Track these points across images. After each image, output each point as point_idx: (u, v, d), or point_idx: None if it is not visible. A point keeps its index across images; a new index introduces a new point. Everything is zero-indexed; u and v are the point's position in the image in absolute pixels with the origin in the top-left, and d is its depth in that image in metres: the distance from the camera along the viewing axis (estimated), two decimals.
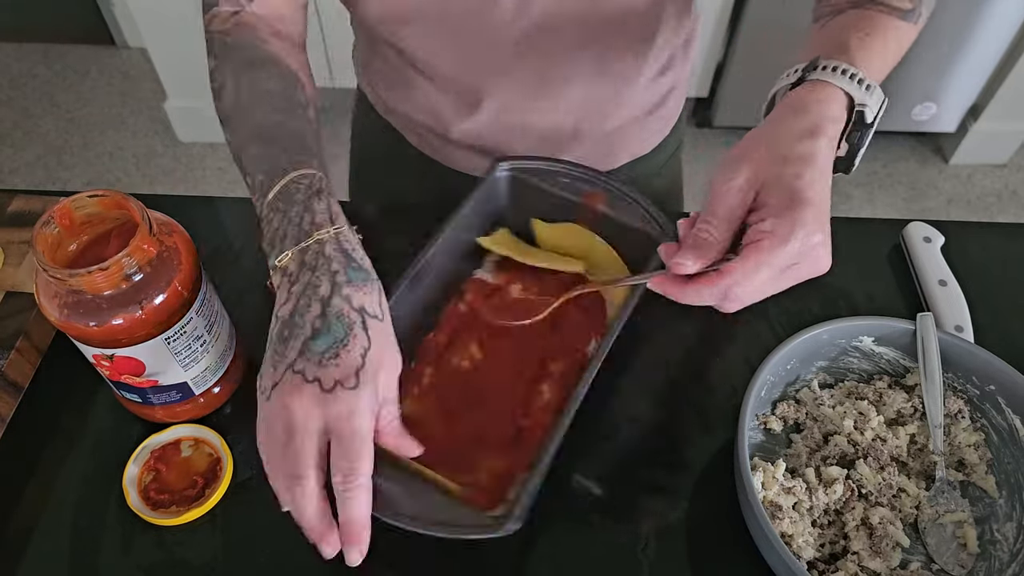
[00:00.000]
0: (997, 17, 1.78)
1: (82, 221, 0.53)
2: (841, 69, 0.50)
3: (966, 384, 0.61)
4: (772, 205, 0.45)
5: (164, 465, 0.59)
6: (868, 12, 0.54)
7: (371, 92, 0.84)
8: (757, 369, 0.57)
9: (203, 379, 0.59)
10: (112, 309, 0.50)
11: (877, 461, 0.58)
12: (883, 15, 0.54)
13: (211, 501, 0.57)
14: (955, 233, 0.75)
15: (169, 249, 0.53)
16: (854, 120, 0.51)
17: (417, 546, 0.57)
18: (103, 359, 0.54)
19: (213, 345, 0.59)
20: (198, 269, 0.56)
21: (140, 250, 0.50)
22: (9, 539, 0.56)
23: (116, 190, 0.53)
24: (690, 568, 0.56)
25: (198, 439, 0.60)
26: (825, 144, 0.47)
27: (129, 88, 2.34)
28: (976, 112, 2.04)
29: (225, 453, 0.59)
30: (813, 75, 0.50)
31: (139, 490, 0.58)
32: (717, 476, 0.60)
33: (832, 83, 0.50)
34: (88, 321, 0.50)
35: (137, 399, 0.59)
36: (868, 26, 0.53)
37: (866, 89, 0.50)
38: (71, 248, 0.53)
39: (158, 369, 0.56)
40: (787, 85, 0.52)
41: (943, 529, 0.57)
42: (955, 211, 2.05)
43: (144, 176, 2.12)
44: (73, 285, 0.49)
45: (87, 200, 0.52)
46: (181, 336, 0.55)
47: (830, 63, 0.50)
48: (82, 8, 2.34)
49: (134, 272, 0.50)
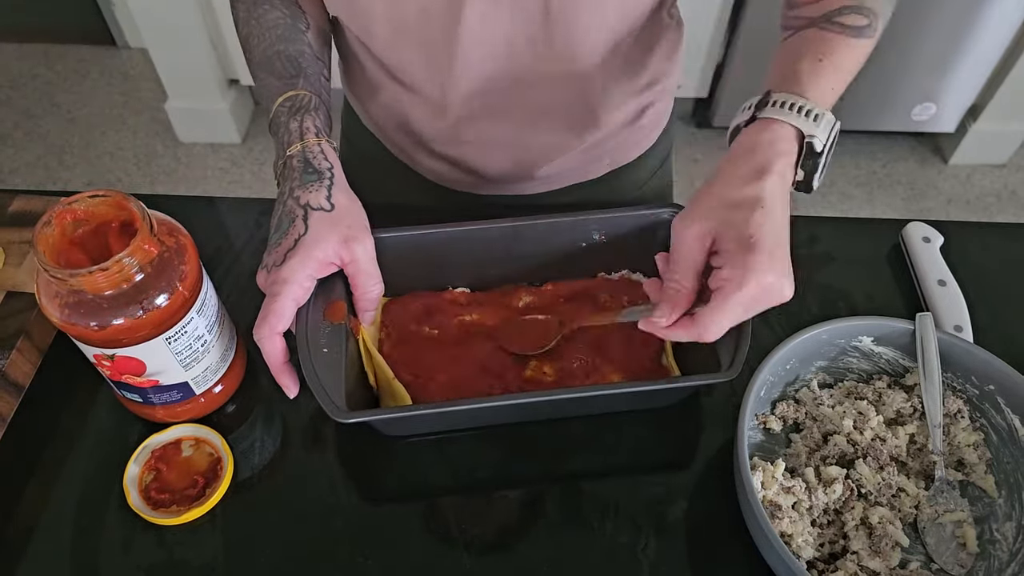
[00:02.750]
0: (997, 17, 1.78)
1: (83, 221, 0.53)
2: (789, 104, 0.53)
3: (965, 384, 0.61)
4: (727, 251, 0.50)
5: (165, 465, 0.59)
6: (825, 34, 0.57)
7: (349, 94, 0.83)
8: (756, 369, 0.57)
9: (204, 379, 0.59)
10: (113, 309, 0.50)
11: (876, 461, 0.58)
12: (839, 36, 0.57)
13: (211, 501, 0.57)
14: (954, 233, 0.75)
15: (170, 249, 0.53)
16: (804, 151, 0.54)
17: (418, 546, 0.57)
18: (104, 359, 0.54)
19: (214, 345, 0.59)
20: (199, 269, 0.56)
21: (141, 250, 0.50)
22: (9, 539, 0.57)
23: (117, 190, 0.53)
24: (690, 568, 0.56)
25: (199, 439, 0.60)
26: (773, 182, 0.51)
27: (129, 88, 2.34)
28: (975, 112, 2.04)
29: (226, 453, 0.59)
30: (763, 112, 0.54)
31: (140, 490, 0.58)
32: (717, 476, 0.60)
33: (780, 120, 0.53)
34: (89, 321, 0.50)
35: (138, 399, 0.59)
36: (824, 50, 0.57)
37: (814, 120, 0.53)
38: (72, 248, 0.53)
39: (159, 369, 0.56)
40: (743, 121, 0.56)
41: (942, 529, 0.57)
42: (954, 211, 2.05)
43: (144, 176, 2.12)
44: (74, 285, 0.49)
45: (88, 200, 0.52)
46: (182, 336, 0.55)
47: (779, 98, 0.54)
48: (82, 8, 2.34)
49: (135, 272, 0.50)
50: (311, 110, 0.61)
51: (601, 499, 0.59)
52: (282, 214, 0.57)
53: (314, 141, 0.59)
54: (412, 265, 0.66)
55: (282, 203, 0.58)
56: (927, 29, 1.78)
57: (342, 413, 0.53)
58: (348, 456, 0.61)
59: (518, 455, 0.61)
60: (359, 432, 0.62)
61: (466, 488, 0.59)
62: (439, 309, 0.67)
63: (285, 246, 0.55)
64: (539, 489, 0.59)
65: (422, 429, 0.62)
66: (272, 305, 0.54)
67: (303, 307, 0.57)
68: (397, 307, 0.67)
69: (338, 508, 0.58)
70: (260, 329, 0.54)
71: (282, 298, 0.54)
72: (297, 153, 0.59)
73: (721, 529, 0.57)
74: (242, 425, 0.62)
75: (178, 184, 2.09)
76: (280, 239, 0.56)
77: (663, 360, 0.64)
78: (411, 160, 0.81)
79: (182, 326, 0.54)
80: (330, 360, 0.57)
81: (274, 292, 0.54)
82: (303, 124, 0.60)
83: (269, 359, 0.55)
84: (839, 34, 0.57)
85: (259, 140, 2.16)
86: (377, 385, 0.63)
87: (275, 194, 0.61)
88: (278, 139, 0.61)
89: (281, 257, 0.55)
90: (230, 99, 2.09)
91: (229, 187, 2.07)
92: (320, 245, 0.55)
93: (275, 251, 0.56)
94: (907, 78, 1.90)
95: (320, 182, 0.57)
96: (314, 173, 0.58)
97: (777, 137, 0.53)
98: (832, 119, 0.54)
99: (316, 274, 0.56)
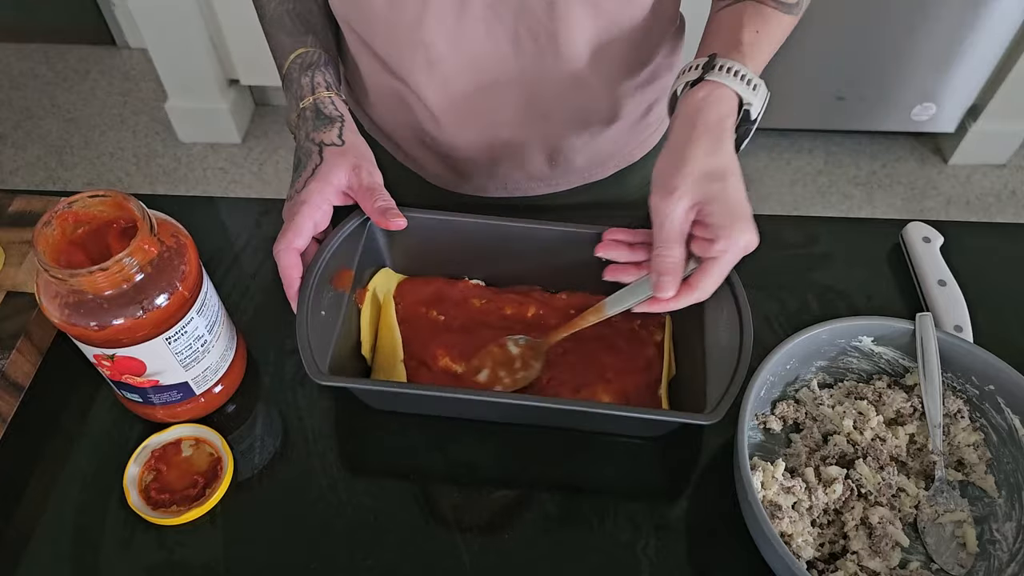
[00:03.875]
0: (997, 17, 1.78)
1: (83, 222, 0.53)
2: (734, 71, 0.57)
3: (965, 384, 0.61)
4: (714, 220, 0.54)
5: (165, 465, 0.59)
6: (762, 8, 0.61)
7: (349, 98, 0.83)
8: (756, 369, 0.57)
9: (204, 379, 0.59)
10: (113, 309, 0.50)
11: (876, 461, 0.58)
12: (773, 12, 0.61)
13: (211, 501, 0.57)
14: (954, 233, 0.75)
15: (170, 249, 0.53)
16: (740, 116, 0.58)
17: (418, 546, 0.57)
18: (104, 359, 0.54)
19: (214, 345, 0.59)
20: (199, 269, 0.56)
21: (141, 250, 0.50)
22: (9, 539, 0.56)
23: (117, 190, 0.53)
24: (690, 568, 0.56)
25: (199, 439, 0.60)
26: (729, 146, 0.56)
27: (129, 88, 2.34)
28: (975, 112, 2.04)
29: (226, 453, 0.59)
30: (711, 75, 0.57)
31: (140, 490, 0.58)
32: (717, 476, 0.60)
33: (725, 85, 0.57)
34: (89, 321, 0.50)
35: (138, 399, 0.59)
36: (760, 23, 0.60)
37: (753, 89, 0.57)
38: (72, 248, 0.53)
39: (159, 369, 0.56)
40: (687, 82, 0.59)
41: (942, 529, 0.57)
42: (954, 211, 2.05)
43: (144, 176, 2.12)
44: (74, 285, 0.49)
45: (88, 200, 0.52)
46: (182, 336, 0.55)
47: (725, 63, 0.57)
48: (82, 8, 2.34)
49: (135, 272, 0.50)
50: (320, 66, 0.66)
51: (601, 498, 0.59)
52: (300, 154, 0.62)
53: (325, 95, 0.64)
54: (432, 250, 0.67)
55: (299, 146, 0.63)
56: (927, 29, 1.78)
57: (322, 376, 0.55)
58: (349, 457, 0.61)
59: (518, 454, 0.61)
60: (361, 433, 0.62)
61: (467, 488, 0.59)
62: (450, 296, 0.67)
63: (304, 176, 0.60)
64: (539, 488, 0.59)
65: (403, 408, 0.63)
66: (291, 222, 0.58)
67: (311, 268, 0.59)
68: (410, 287, 0.68)
69: (339, 508, 0.58)
70: (278, 243, 0.58)
71: (300, 216, 0.58)
72: (309, 105, 0.63)
73: (721, 529, 0.57)
74: (242, 425, 0.62)
75: (178, 184, 2.09)
76: (300, 173, 0.61)
77: (658, 391, 0.63)
78: (412, 162, 0.81)
79: (182, 326, 0.54)
80: (324, 324, 0.58)
81: (293, 212, 0.59)
82: (314, 79, 0.65)
83: (284, 273, 0.58)
84: (774, 9, 0.61)
85: (259, 140, 2.16)
86: (373, 359, 0.64)
87: (275, 194, 0.61)
88: (291, 93, 0.65)
89: (302, 185, 0.60)
90: (230, 99, 2.09)
91: (229, 187, 2.07)
92: (334, 171, 0.60)
93: (296, 182, 0.61)
94: (907, 78, 1.90)
95: (332, 125, 0.62)
96: (326, 119, 0.63)
97: (721, 98, 0.56)
98: (766, 91, 0.59)
99: (332, 199, 0.60)
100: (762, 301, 0.70)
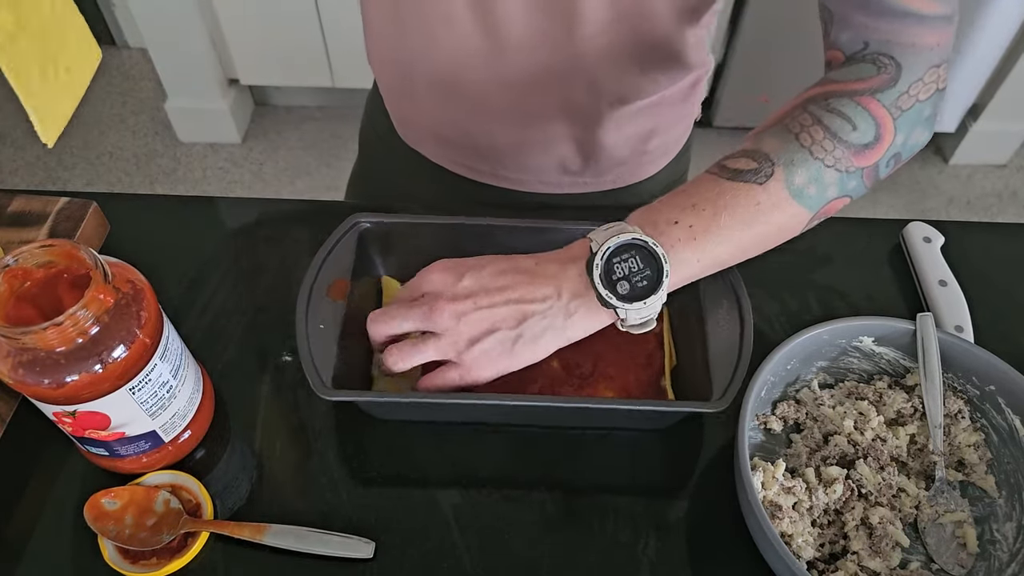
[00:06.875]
0: (997, 17, 1.78)
1: (32, 274, 0.50)
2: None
3: (966, 384, 0.61)
4: None
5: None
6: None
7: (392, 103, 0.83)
8: (757, 369, 0.57)
9: (172, 425, 0.56)
10: (71, 364, 0.47)
11: (877, 461, 0.58)
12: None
13: (193, 551, 0.54)
14: (955, 233, 0.75)
15: (127, 296, 0.50)
16: None
17: (415, 550, 0.57)
18: (65, 416, 0.51)
19: (180, 389, 0.55)
20: (159, 312, 0.52)
21: (96, 301, 0.47)
22: (9, 539, 0.56)
23: (66, 239, 0.49)
24: (690, 568, 0.56)
25: (175, 485, 0.57)
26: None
27: (129, 88, 2.34)
28: (976, 112, 2.04)
29: (204, 498, 0.56)
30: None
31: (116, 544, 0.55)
32: (717, 476, 0.60)
33: None
34: (44, 379, 0.47)
35: (104, 452, 0.55)
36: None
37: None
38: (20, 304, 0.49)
39: (124, 420, 0.52)
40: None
41: (943, 529, 0.57)
42: (955, 211, 2.05)
43: (144, 176, 2.12)
44: (26, 343, 0.46)
45: (35, 252, 0.48)
46: (146, 384, 0.52)
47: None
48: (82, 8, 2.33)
49: (91, 325, 0.47)
50: None
51: (601, 498, 0.59)
52: None
53: None
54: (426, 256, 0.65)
55: None
56: None
57: (327, 391, 0.55)
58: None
59: (518, 454, 0.61)
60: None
61: (467, 488, 0.59)
62: None
63: None
64: (539, 488, 0.59)
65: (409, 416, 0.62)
66: None
67: (305, 282, 0.58)
68: None
69: (338, 508, 0.58)
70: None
71: None
72: None
73: (721, 529, 0.57)
74: (216, 467, 0.60)
75: (178, 184, 2.09)
76: None
77: (661, 383, 0.63)
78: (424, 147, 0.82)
79: (146, 374, 0.51)
80: (325, 337, 0.58)
81: None
82: None
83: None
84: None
85: (259, 140, 2.16)
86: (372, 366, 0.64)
87: (275, 194, 0.61)
88: None
89: None
90: (230, 99, 2.09)
91: (229, 187, 2.07)
92: None
93: None
94: None
95: None
96: None
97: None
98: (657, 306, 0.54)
99: None
100: (763, 301, 0.70)
